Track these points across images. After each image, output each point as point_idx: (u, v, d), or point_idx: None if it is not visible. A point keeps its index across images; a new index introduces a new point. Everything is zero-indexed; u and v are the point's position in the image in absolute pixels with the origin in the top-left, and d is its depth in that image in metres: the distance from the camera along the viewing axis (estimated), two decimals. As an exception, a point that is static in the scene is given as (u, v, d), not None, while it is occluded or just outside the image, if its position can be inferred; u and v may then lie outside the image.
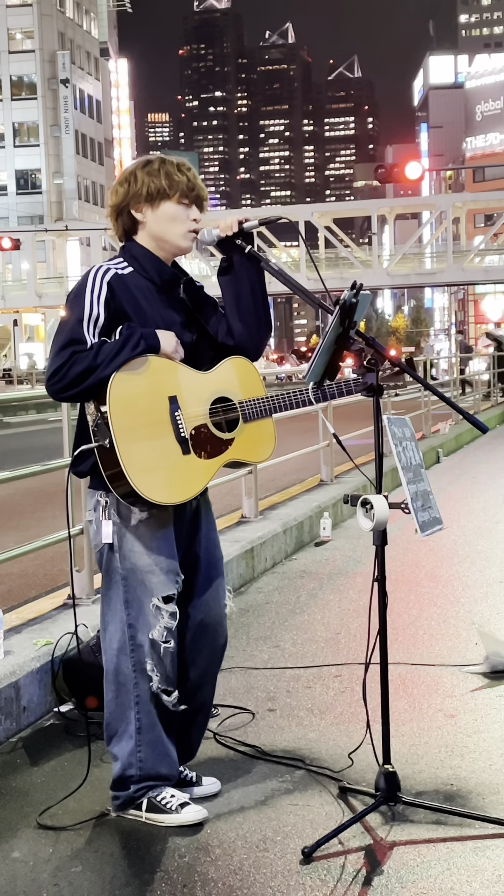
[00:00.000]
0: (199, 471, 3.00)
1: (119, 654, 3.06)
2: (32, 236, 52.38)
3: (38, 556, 5.57)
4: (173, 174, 3.05)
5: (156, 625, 3.01)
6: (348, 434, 7.57)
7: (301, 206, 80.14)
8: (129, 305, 2.99)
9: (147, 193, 3.05)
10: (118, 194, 3.10)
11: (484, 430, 3.13)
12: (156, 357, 2.93)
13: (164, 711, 3.07)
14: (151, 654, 3.02)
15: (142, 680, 3.04)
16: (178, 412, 2.95)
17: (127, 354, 2.87)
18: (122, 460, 2.84)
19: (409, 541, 7.03)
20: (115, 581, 3.05)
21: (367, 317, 63.29)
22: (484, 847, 2.86)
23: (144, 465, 2.87)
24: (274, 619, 5.40)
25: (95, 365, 2.84)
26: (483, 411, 19.19)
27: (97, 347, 2.87)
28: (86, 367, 2.84)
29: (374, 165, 25.23)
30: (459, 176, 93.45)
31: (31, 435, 19.56)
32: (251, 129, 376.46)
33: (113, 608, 3.07)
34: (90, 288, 2.96)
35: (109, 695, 3.12)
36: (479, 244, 53.41)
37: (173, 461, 2.94)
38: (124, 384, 2.85)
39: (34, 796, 3.29)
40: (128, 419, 2.86)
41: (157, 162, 3.08)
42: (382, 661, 3.05)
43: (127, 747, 3.07)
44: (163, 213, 3.06)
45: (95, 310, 2.93)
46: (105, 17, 78.59)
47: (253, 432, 3.12)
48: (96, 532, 3.07)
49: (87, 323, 2.91)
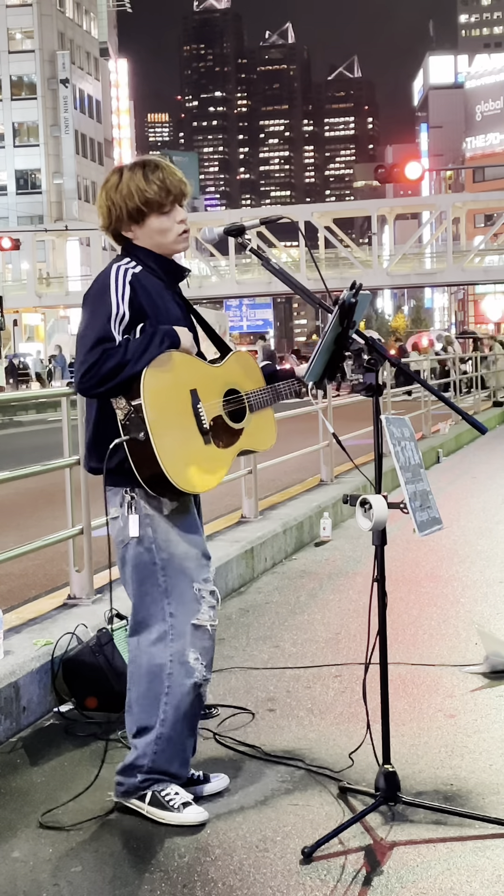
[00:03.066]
0: (221, 460, 3.12)
1: (155, 645, 3.07)
2: (32, 236, 52.38)
3: (38, 556, 5.57)
4: (144, 190, 3.05)
5: (199, 608, 3.06)
6: (348, 434, 7.57)
7: (301, 206, 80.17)
8: (148, 303, 3.05)
9: (128, 215, 3.09)
10: (104, 218, 3.15)
11: (483, 431, 3.14)
12: (177, 352, 3.02)
13: (193, 707, 3.09)
14: (194, 642, 3.05)
15: (177, 671, 3.05)
16: (199, 404, 3.04)
17: (154, 351, 2.95)
18: (157, 452, 2.92)
19: (408, 541, 7.03)
20: (152, 573, 3.07)
21: (367, 317, 63.25)
22: (484, 847, 2.86)
23: (177, 456, 2.97)
24: (274, 619, 5.40)
25: (126, 361, 2.91)
26: (483, 411, 19.19)
27: (125, 344, 2.95)
28: (117, 363, 2.91)
29: (374, 165, 25.26)
30: (459, 176, 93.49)
31: (32, 435, 19.55)
32: (251, 129, 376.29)
33: (149, 601, 3.08)
34: (114, 287, 3.01)
35: (140, 688, 3.09)
36: (479, 244, 53.44)
37: (199, 451, 3.04)
38: (154, 378, 2.94)
39: (34, 796, 3.30)
40: (159, 412, 2.95)
41: (126, 178, 3.07)
42: (382, 661, 3.05)
43: (147, 737, 3.08)
44: (149, 227, 3.11)
45: (121, 309, 2.99)
46: (105, 17, 78.58)
47: (258, 422, 3.25)
48: (122, 528, 3.09)
49: (114, 321, 2.97)
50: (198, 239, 55.41)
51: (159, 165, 3.11)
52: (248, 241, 3.23)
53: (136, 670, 3.12)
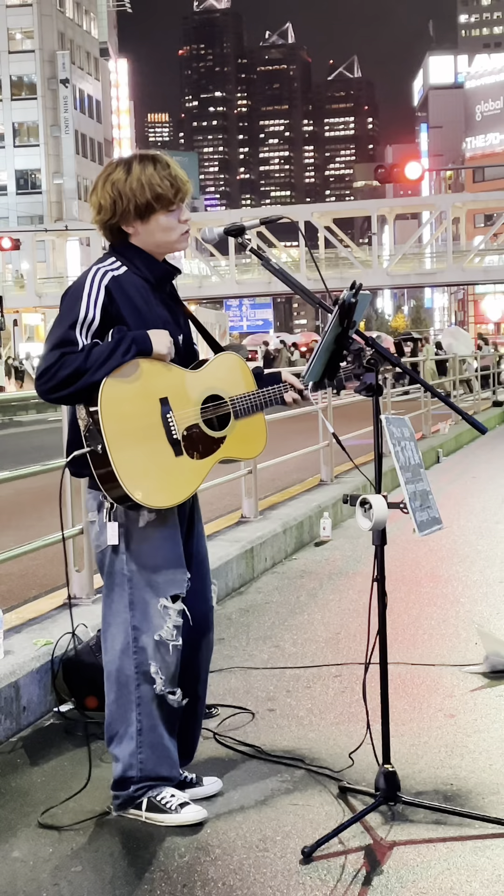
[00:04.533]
0: (193, 471, 3.00)
1: (122, 656, 3.05)
2: (32, 236, 52.38)
3: (38, 556, 5.56)
4: (157, 185, 2.97)
5: (163, 625, 3.01)
6: (348, 434, 7.58)
7: (301, 206, 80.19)
8: (127, 308, 2.97)
9: (135, 210, 3.00)
10: (105, 211, 3.03)
11: (483, 431, 3.14)
12: (146, 360, 2.92)
13: (165, 713, 3.07)
14: (155, 656, 3.02)
15: (144, 682, 3.04)
16: (169, 414, 2.94)
17: (117, 360, 2.85)
18: (115, 466, 2.83)
19: (408, 541, 7.02)
20: (119, 582, 3.04)
21: (367, 317, 63.30)
22: (484, 847, 2.86)
23: (137, 469, 2.87)
24: (274, 619, 5.40)
25: (85, 368, 2.83)
26: (483, 411, 19.19)
27: (88, 350, 2.86)
28: (75, 370, 2.83)
29: (374, 165, 25.27)
30: (459, 176, 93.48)
31: (32, 435, 19.55)
32: (251, 129, 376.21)
33: (115, 609, 3.06)
34: (87, 291, 2.94)
35: (111, 696, 3.11)
36: (478, 244, 53.46)
37: (166, 463, 2.94)
38: (115, 388, 2.85)
39: (34, 796, 3.30)
40: (119, 424, 2.85)
41: (136, 171, 2.98)
42: (382, 661, 3.05)
43: (128, 749, 3.07)
44: (154, 224, 3.03)
45: (91, 313, 2.92)
46: (105, 17, 78.58)
47: (245, 428, 3.13)
48: (99, 533, 3.05)
49: (80, 325, 2.90)
50: (198, 239, 55.49)
51: (169, 162, 3.04)
52: (248, 241, 3.21)
53: (108, 676, 3.12)
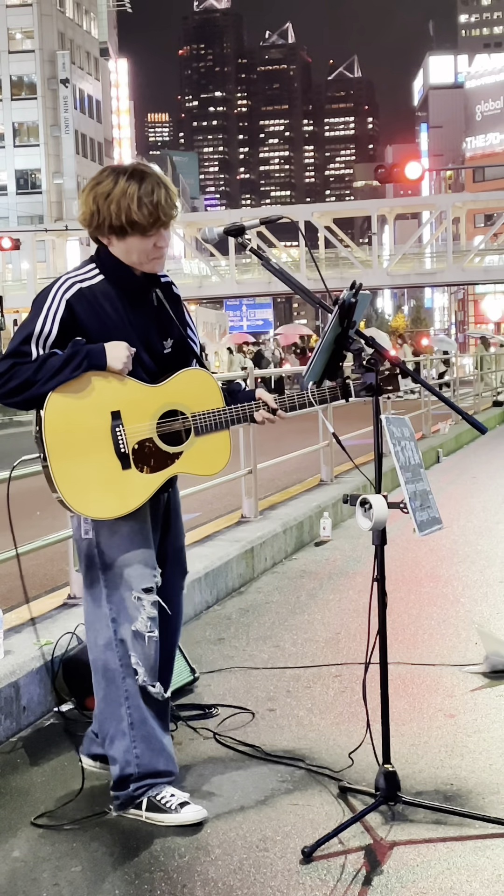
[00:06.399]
0: (139, 485, 3.02)
1: (105, 650, 3.10)
2: (32, 236, 52.35)
3: (38, 556, 5.56)
4: (133, 212, 2.94)
5: (138, 616, 3.07)
6: (348, 434, 7.57)
7: (301, 206, 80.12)
8: (92, 320, 3.00)
9: (109, 228, 3.01)
10: (84, 219, 3.05)
11: (483, 431, 3.14)
12: (98, 374, 2.95)
13: (153, 704, 3.12)
14: (135, 647, 3.07)
15: (129, 674, 3.08)
16: (119, 427, 2.98)
17: (66, 375, 2.91)
18: (53, 475, 2.93)
19: (408, 540, 7.02)
20: (97, 577, 3.11)
21: (366, 317, 63.26)
22: (484, 847, 2.86)
23: (76, 481, 2.95)
24: (274, 619, 5.40)
25: (34, 380, 2.90)
26: (483, 411, 19.19)
27: (40, 361, 2.92)
28: (24, 380, 2.91)
29: (374, 165, 25.25)
30: (459, 176, 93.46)
31: (32, 435, 19.51)
32: (251, 129, 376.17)
33: (96, 604, 3.12)
34: (48, 304, 2.98)
35: (100, 693, 3.15)
36: (479, 244, 53.42)
37: (109, 476, 2.98)
38: (62, 401, 2.92)
39: (34, 796, 3.30)
40: (62, 436, 2.93)
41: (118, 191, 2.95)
42: (382, 661, 3.06)
43: (122, 745, 3.09)
44: (129, 245, 3.03)
45: (48, 327, 2.96)
46: (105, 17, 78.53)
47: (205, 445, 3.11)
48: (77, 527, 3.15)
49: (35, 338, 2.95)
50: (198, 239, 55.53)
51: (159, 184, 2.98)
52: (248, 241, 3.22)
53: (95, 672, 3.16)
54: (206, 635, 5.10)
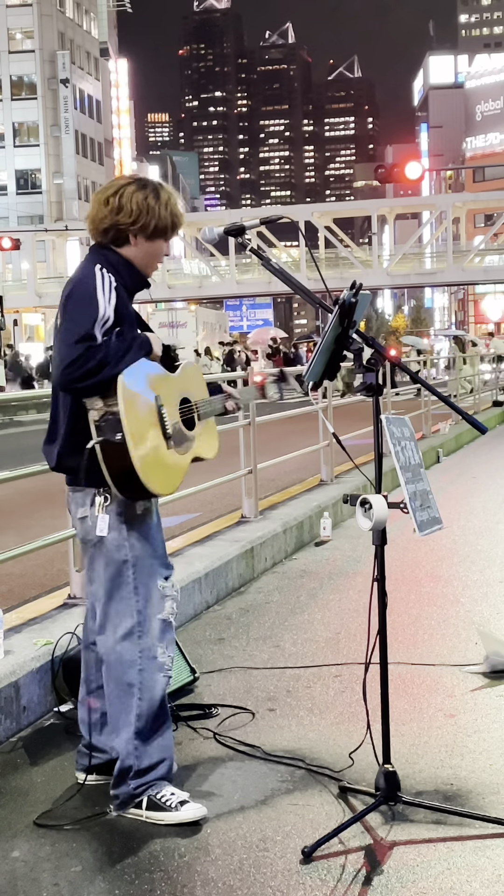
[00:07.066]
0: (181, 465, 3.19)
1: (122, 642, 3.12)
2: (32, 236, 52.36)
3: (38, 556, 5.56)
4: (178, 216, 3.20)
5: (164, 605, 3.17)
6: (348, 434, 7.57)
7: (301, 206, 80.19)
8: (121, 310, 3.11)
9: (154, 229, 3.17)
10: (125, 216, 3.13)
11: (483, 431, 3.14)
12: (147, 360, 3.09)
13: (163, 699, 3.16)
14: (161, 637, 3.16)
15: (148, 666, 3.12)
16: (163, 409, 3.10)
17: (133, 356, 3.02)
18: (132, 454, 2.97)
19: (408, 541, 7.02)
20: (122, 570, 3.13)
21: (367, 317, 63.29)
22: (484, 847, 2.86)
23: (148, 459, 3.02)
24: (274, 619, 5.40)
25: (107, 361, 2.97)
26: (483, 411, 19.19)
27: (106, 345, 3.00)
28: (99, 362, 2.96)
29: (374, 165, 25.25)
30: (459, 176, 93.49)
31: (32, 435, 19.54)
32: (251, 129, 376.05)
33: (118, 597, 3.14)
34: (102, 291, 3.05)
35: (110, 686, 3.16)
36: (479, 244, 53.44)
37: (164, 456, 3.10)
38: (130, 382, 3.00)
39: (34, 796, 3.30)
40: (135, 415, 3.00)
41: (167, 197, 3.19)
42: (382, 661, 3.06)
43: (125, 735, 3.12)
44: (154, 248, 3.22)
45: (108, 312, 3.05)
46: (105, 17, 78.54)
47: (205, 430, 3.34)
48: (91, 527, 3.15)
49: (99, 323, 3.02)
50: (198, 239, 55.52)
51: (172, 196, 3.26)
52: (248, 241, 3.24)
53: (108, 666, 3.18)
54: (206, 635, 5.10)
